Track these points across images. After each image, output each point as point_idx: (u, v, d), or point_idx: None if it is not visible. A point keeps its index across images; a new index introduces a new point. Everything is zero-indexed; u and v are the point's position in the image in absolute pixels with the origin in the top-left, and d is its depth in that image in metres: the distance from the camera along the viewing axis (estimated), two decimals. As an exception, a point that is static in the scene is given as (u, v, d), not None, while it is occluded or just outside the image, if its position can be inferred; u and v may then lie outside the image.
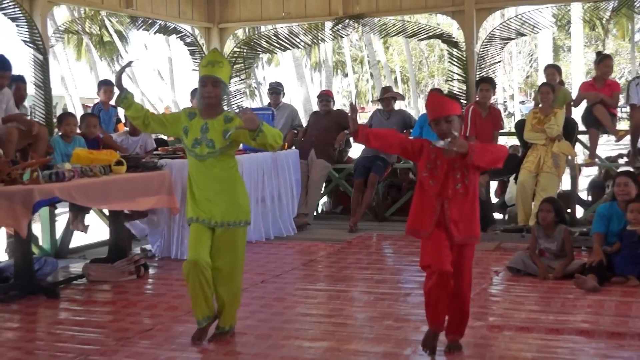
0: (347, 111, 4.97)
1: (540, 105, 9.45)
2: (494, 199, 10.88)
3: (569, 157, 9.40)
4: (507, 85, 43.31)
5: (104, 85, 9.83)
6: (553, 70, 10.34)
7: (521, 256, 7.12)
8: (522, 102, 43.84)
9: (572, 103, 10.20)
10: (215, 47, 10.73)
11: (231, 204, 5.04)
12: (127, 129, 8.97)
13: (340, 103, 49.11)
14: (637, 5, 10.36)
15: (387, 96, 10.65)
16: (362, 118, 37.14)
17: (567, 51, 41.18)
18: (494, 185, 10.57)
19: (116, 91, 5.54)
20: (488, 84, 9.76)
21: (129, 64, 5.49)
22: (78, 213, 8.63)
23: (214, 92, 5.00)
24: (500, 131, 9.94)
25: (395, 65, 50.07)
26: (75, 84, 34.51)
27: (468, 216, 4.68)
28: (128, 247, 8.24)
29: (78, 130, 8.25)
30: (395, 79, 48.47)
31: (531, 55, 42.33)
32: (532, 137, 9.32)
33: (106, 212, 8.24)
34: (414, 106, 38.59)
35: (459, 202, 4.66)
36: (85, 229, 8.85)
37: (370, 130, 4.80)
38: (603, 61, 10.04)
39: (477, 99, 9.79)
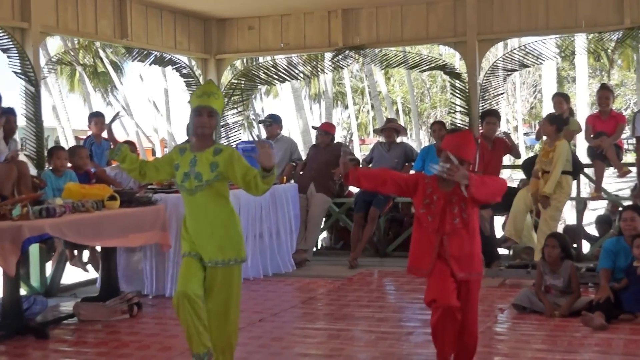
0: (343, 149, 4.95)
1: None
2: (501, 233, 10.84)
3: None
4: (510, 116, 43.43)
5: (95, 117, 9.84)
6: (560, 99, 10.37)
7: (527, 293, 7.09)
8: (526, 134, 43.99)
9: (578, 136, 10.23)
10: (210, 79, 10.79)
11: (222, 241, 4.95)
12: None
13: (340, 135, 49.23)
14: (642, 36, 10.41)
15: (388, 127, 10.67)
16: (363, 151, 37.21)
17: (572, 82, 41.32)
18: (498, 220, 10.52)
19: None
20: (494, 117, 9.82)
21: (116, 117, 5.55)
22: (74, 249, 8.62)
23: (209, 123, 4.98)
24: (507, 164, 10.01)
25: (397, 96, 50.24)
26: (67, 115, 34.62)
27: (468, 252, 4.67)
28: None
29: (68, 164, 8.25)
30: (397, 110, 48.62)
31: (535, 86, 42.52)
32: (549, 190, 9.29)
33: (98, 248, 8.20)
34: (416, 138, 38.64)
35: (458, 238, 4.65)
36: (84, 266, 8.84)
37: (361, 172, 4.82)
38: (598, 92, 10.14)
39: (482, 131, 9.82)
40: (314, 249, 10.94)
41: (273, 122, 11.12)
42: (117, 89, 40.70)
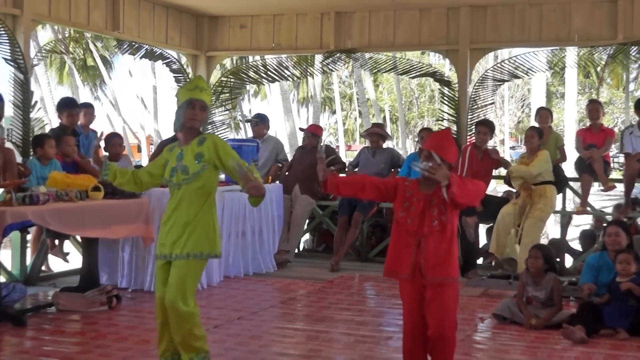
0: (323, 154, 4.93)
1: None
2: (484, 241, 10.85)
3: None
4: (497, 129, 43.57)
5: (85, 108, 9.73)
6: (547, 113, 10.40)
7: (508, 303, 7.08)
8: (512, 148, 44.10)
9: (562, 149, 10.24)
10: (200, 75, 10.75)
11: (200, 236, 4.89)
12: (107, 153, 8.88)
13: (327, 140, 49.25)
14: (633, 53, 10.46)
15: (373, 131, 10.66)
16: (349, 157, 37.23)
17: (560, 98, 41.54)
18: (483, 227, 10.53)
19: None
20: (487, 127, 9.82)
21: (99, 141, 5.59)
22: (56, 239, 8.56)
23: (201, 116, 4.96)
24: (493, 175, 10.01)
25: (385, 104, 50.33)
26: (55, 107, 34.44)
27: (444, 255, 4.62)
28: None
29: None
30: (384, 117, 48.70)
31: (523, 100, 42.63)
32: (515, 169, 9.37)
33: (79, 238, 8.16)
34: (402, 146, 38.71)
35: (435, 240, 4.61)
36: (65, 257, 8.79)
37: (340, 179, 4.82)
38: (588, 105, 10.26)
39: (473, 140, 9.84)
40: (296, 251, 10.92)
41: (260, 121, 11.09)
42: (106, 83, 40.56)
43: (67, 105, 9.23)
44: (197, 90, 4.96)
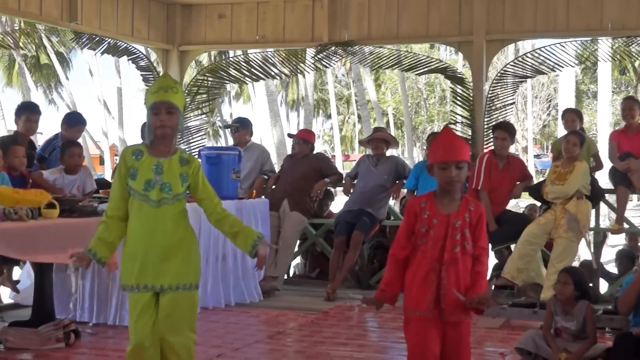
0: None
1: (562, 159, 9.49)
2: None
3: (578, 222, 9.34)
4: (520, 135, 43.73)
5: (79, 125, 9.81)
6: (573, 116, 10.38)
7: (533, 336, 7.05)
8: (537, 156, 44.22)
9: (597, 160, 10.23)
10: (166, 72, 10.74)
11: (184, 263, 4.95)
12: (62, 166, 8.86)
13: (320, 148, 49.31)
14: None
15: (376, 137, 10.67)
16: (346, 168, 37.29)
17: (592, 97, 41.72)
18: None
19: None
20: (504, 131, 9.80)
21: None
22: (4, 266, 8.52)
23: (169, 121, 4.93)
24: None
25: (388, 106, 50.53)
26: (3, 113, 34.47)
27: (468, 286, 4.64)
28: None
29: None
30: (388, 122, 48.85)
31: (549, 101, 42.82)
32: (551, 191, 9.34)
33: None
34: (409, 155, 38.81)
35: (457, 269, 4.62)
36: (14, 286, 8.75)
37: (390, 291, 4.79)
38: (622, 103, 10.22)
39: (492, 148, 9.85)
40: (285, 277, 10.90)
41: (241, 126, 10.97)
42: (62, 84, 40.65)
43: (25, 109, 9.29)
44: (161, 92, 4.94)
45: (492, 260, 10.23)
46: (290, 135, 11.45)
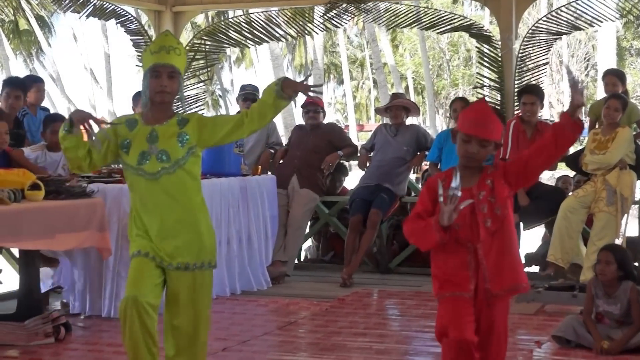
0: None
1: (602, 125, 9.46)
2: (534, 246, 10.85)
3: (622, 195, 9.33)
4: (554, 99, 43.59)
5: (37, 84, 9.78)
6: (614, 79, 10.32)
7: (572, 322, 7.08)
8: (574, 122, 43.98)
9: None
10: (168, 30, 10.72)
11: (192, 239, 4.99)
12: (44, 142, 8.87)
13: (332, 117, 49.27)
14: None
15: (395, 104, 10.66)
16: (361, 139, 37.28)
17: (636, 55, 41.53)
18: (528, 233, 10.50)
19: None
20: (533, 95, 9.79)
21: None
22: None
23: (171, 86, 4.94)
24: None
25: (407, 69, 50.38)
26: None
27: (509, 258, 4.68)
28: (44, 300, 8.16)
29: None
30: (407, 87, 48.75)
31: (587, 60, 42.66)
32: (590, 161, 9.32)
33: (16, 252, 8.17)
34: (431, 124, 38.79)
35: (494, 243, 4.65)
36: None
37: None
38: None
39: (519, 114, 9.83)
40: (296, 261, 10.94)
41: (250, 93, 10.88)
42: (44, 52, 40.67)
43: (7, 84, 9.35)
44: (163, 52, 4.95)
45: (525, 246, 10.25)
46: (302, 107, 11.22)
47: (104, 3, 11.59)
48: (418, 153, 10.48)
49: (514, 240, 4.73)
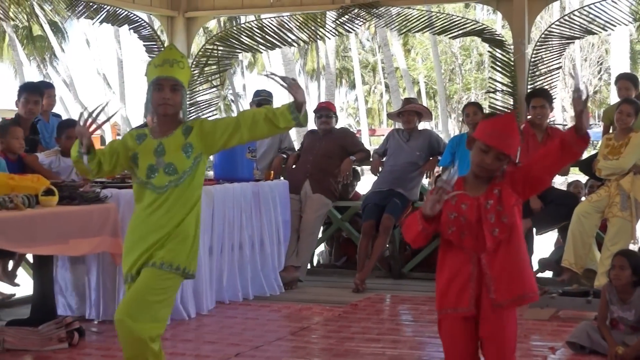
0: None
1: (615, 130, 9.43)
2: (546, 252, 10.83)
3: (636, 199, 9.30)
4: (567, 102, 43.49)
5: (46, 89, 9.79)
6: (627, 83, 10.28)
7: (586, 328, 7.06)
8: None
9: None
10: (172, 44, 10.73)
11: (177, 245, 4.98)
12: (58, 148, 8.88)
13: (344, 122, 49.29)
14: None
15: (408, 109, 10.65)
16: (373, 144, 37.27)
17: (649, 59, 41.39)
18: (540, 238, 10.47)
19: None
20: (542, 98, 9.77)
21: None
22: (1, 259, 8.56)
23: (173, 99, 4.98)
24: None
25: (419, 73, 50.36)
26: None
27: (517, 267, 4.64)
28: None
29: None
30: (419, 91, 48.74)
31: (600, 64, 42.57)
32: (604, 167, 9.28)
33: (29, 257, 8.18)
34: (443, 128, 38.75)
35: (501, 253, 4.61)
36: (12, 280, 8.81)
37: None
38: None
39: (529, 117, 9.81)
40: (308, 266, 10.94)
41: (272, 101, 10.85)
42: (58, 57, 40.77)
43: (24, 90, 9.26)
44: (166, 66, 4.99)
45: (537, 252, 10.23)
46: (314, 112, 11.16)
47: (117, 9, 11.62)
48: (431, 158, 10.47)
49: (522, 249, 4.69)
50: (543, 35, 11.03)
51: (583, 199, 10.15)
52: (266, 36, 12.21)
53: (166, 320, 5.09)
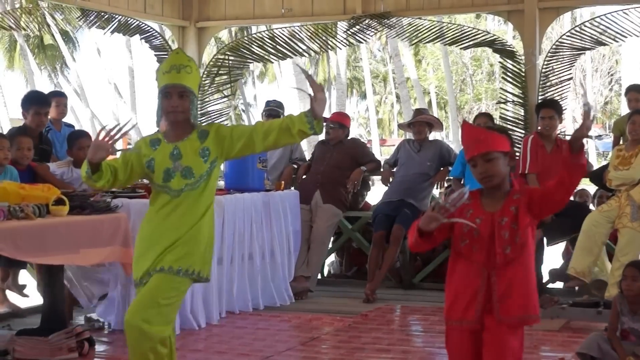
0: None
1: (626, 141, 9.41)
2: (554, 262, 10.80)
3: None
4: (578, 113, 43.44)
5: (57, 97, 9.79)
6: (637, 94, 10.25)
7: (597, 339, 7.03)
8: (598, 137, 43.83)
9: None
10: (179, 48, 10.74)
11: (190, 249, 5.03)
12: (70, 158, 8.88)
13: (355, 132, 49.28)
14: None
15: (419, 119, 10.65)
16: (384, 154, 37.26)
17: (660, 70, 41.29)
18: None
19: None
20: (551, 109, 9.76)
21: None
22: (10, 269, 8.57)
23: (182, 106, 5.00)
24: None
25: (430, 84, 50.33)
26: (4, 99, 34.70)
27: (524, 288, 4.62)
28: (68, 315, 8.18)
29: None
30: (430, 102, 48.70)
31: (611, 75, 42.51)
32: (615, 177, 9.27)
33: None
34: (454, 139, 38.69)
35: (510, 271, 4.60)
36: (21, 290, 8.82)
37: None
38: None
39: (539, 128, 9.80)
40: (319, 277, 10.93)
41: (273, 110, 10.88)
42: (69, 66, 40.86)
43: (33, 102, 9.13)
44: (173, 72, 5.02)
45: (546, 262, 10.21)
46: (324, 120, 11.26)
47: (129, 19, 11.65)
48: (441, 168, 10.47)
49: (530, 269, 4.66)
50: (554, 46, 11.03)
51: (591, 206, 10.13)
52: (277, 46, 12.23)
53: (174, 321, 5.16)
